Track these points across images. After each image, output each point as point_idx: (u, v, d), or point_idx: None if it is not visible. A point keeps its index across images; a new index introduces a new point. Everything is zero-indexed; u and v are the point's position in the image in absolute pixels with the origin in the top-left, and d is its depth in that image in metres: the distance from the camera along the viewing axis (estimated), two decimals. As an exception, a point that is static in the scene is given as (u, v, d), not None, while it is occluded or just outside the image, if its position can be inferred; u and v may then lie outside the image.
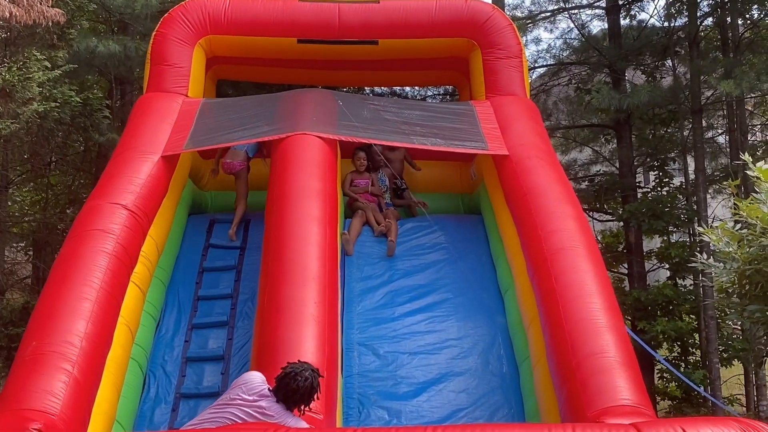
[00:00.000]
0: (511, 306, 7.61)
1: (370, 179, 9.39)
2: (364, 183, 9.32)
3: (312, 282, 6.51)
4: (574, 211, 7.41)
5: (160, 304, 7.74)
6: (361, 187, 9.28)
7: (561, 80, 17.54)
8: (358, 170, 9.40)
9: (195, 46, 9.24)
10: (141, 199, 7.31)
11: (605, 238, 18.57)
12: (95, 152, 15.20)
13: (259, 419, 4.82)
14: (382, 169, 9.59)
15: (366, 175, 9.41)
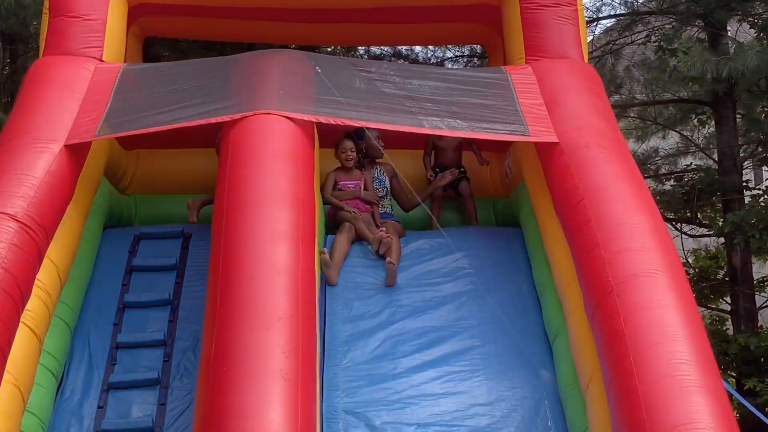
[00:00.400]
0: (563, 357, 7.62)
1: (362, 180, 9.42)
2: (353, 185, 9.36)
3: (278, 324, 6.51)
4: (652, 223, 7.41)
5: (64, 354, 7.74)
6: (349, 191, 9.31)
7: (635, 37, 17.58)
8: (344, 167, 9.43)
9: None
10: (36, 206, 7.32)
11: (699, 261, 18.58)
12: (-27, 140, 15.22)
13: None
14: (381, 165, 9.62)
15: (356, 173, 9.45)
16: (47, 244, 7.43)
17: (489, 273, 8.58)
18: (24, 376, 6.86)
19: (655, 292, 6.77)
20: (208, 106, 8.30)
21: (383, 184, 9.61)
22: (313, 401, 6.49)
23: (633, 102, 17.43)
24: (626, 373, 6.32)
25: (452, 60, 17.41)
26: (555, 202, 8.08)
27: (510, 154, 9.60)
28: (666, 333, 6.47)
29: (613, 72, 17.27)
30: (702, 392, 6.11)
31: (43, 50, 9.12)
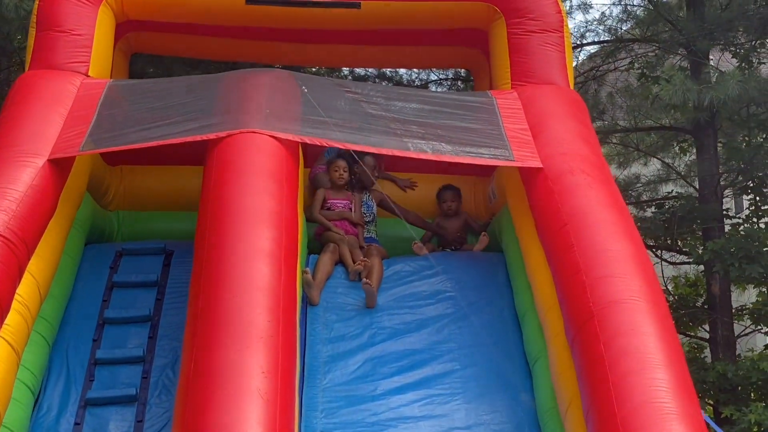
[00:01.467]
0: (542, 382, 7.61)
1: (351, 200, 9.42)
2: (342, 205, 9.36)
3: (258, 343, 6.49)
4: (633, 249, 7.43)
5: (41, 370, 7.70)
6: (337, 210, 9.31)
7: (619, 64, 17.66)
8: (334, 185, 9.43)
9: (100, 5, 9.29)
10: (17, 220, 7.29)
11: (678, 288, 18.62)
12: (-44, 152, 15.17)
13: None
14: (370, 192, 9.64)
15: (345, 193, 9.45)
16: (28, 259, 7.40)
17: (470, 296, 8.58)
18: (1, 391, 6.82)
19: (636, 319, 6.78)
20: (193, 123, 8.29)
21: (371, 210, 9.62)
22: (291, 421, 6.47)
23: (615, 128, 17.49)
24: (605, 399, 6.33)
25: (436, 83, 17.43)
26: (538, 226, 8.09)
27: (494, 179, 9.61)
28: (645, 360, 6.48)
29: (596, 98, 17.33)
30: (680, 419, 6.12)
31: (29, 64, 9.10)
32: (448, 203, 9.91)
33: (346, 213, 9.35)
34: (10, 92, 8.89)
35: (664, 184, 17.93)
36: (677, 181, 17.68)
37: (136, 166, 9.93)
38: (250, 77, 9.14)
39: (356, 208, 9.46)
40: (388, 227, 9.79)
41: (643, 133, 17.60)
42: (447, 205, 9.91)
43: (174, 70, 13.68)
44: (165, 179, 10.02)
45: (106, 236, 9.60)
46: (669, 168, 17.75)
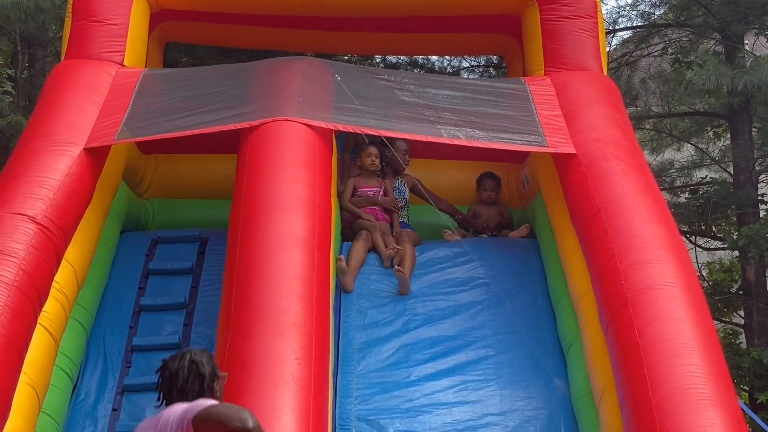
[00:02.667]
0: (577, 368, 7.61)
1: (382, 186, 9.41)
2: (372, 191, 9.35)
3: (292, 330, 6.53)
4: (667, 235, 7.42)
5: (79, 356, 7.76)
6: (368, 196, 9.30)
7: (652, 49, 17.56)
8: (365, 173, 9.42)
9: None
10: (55, 208, 7.35)
11: (713, 274, 18.51)
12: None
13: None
14: (402, 177, 9.63)
15: (376, 180, 9.44)
16: (65, 246, 7.46)
17: (504, 283, 8.57)
18: (40, 377, 6.88)
19: (670, 305, 6.77)
20: (227, 111, 8.34)
21: (403, 195, 9.60)
22: (325, 407, 6.51)
23: (648, 114, 17.39)
24: (640, 386, 6.32)
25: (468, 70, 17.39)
26: (571, 213, 8.08)
27: (527, 165, 9.60)
28: (680, 346, 6.47)
29: (629, 84, 17.24)
30: (715, 405, 6.10)
31: (65, 54, 9.17)
32: (489, 192, 9.87)
33: (375, 199, 9.34)
34: (46, 82, 8.96)
35: (698, 170, 17.81)
36: (711, 166, 17.55)
37: (171, 155, 9.97)
38: (284, 66, 9.16)
39: (389, 193, 9.46)
40: (421, 213, 9.77)
41: (676, 119, 17.49)
42: (487, 194, 9.88)
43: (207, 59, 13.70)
44: (200, 167, 10.06)
45: (141, 224, 9.65)
46: (703, 153, 17.63)
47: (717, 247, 17.50)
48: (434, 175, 10.14)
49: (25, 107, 13.71)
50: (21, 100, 14.28)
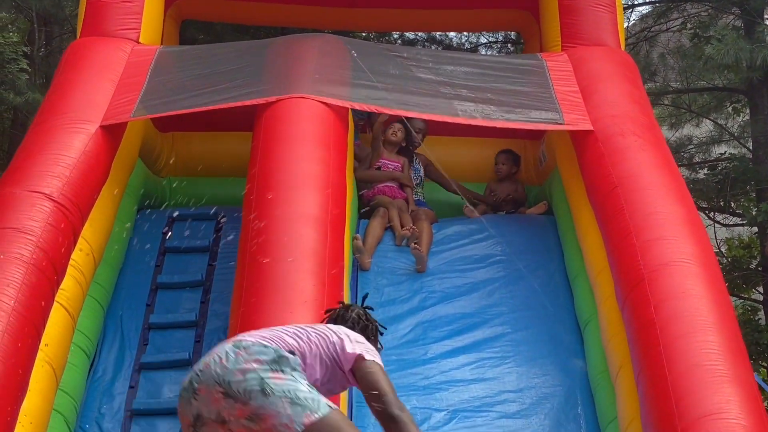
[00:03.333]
0: (593, 345, 7.60)
1: (401, 163, 9.40)
2: (393, 166, 9.34)
3: (304, 307, 6.53)
4: (684, 212, 7.39)
5: (97, 334, 7.78)
6: (388, 170, 9.29)
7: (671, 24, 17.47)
8: (390, 144, 9.40)
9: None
10: (71, 186, 7.36)
11: (732, 250, 18.46)
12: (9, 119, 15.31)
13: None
14: (416, 155, 9.61)
15: (397, 157, 9.44)
16: (82, 224, 7.46)
17: (521, 260, 8.54)
18: (57, 354, 6.90)
19: (687, 282, 6.74)
20: (242, 89, 8.33)
21: (418, 173, 9.60)
22: (340, 385, 6.50)
23: (667, 89, 17.32)
24: (656, 363, 6.30)
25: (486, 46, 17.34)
26: (588, 189, 8.06)
27: (544, 142, 9.57)
28: (696, 323, 6.44)
29: (648, 59, 17.14)
30: (732, 382, 6.07)
31: (81, 31, 9.15)
32: (499, 165, 9.84)
33: (396, 173, 9.33)
34: (61, 59, 8.95)
35: (716, 146, 17.74)
36: (730, 142, 17.49)
37: (188, 133, 9.96)
38: (300, 42, 9.14)
39: (406, 170, 9.44)
40: (436, 191, 9.77)
41: (695, 94, 17.41)
42: (498, 167, 9.84)
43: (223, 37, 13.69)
44: (216, 145, 10.04)
45: (158, 202, 9.65)
46: (722, 129, 17.56)
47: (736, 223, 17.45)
48: (452, 153, 10.10)
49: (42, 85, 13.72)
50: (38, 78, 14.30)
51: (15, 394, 6.11)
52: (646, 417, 6.24)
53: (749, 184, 15.99)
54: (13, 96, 13.68)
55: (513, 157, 9.86)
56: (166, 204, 9.75)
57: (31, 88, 13.76)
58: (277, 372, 4.50)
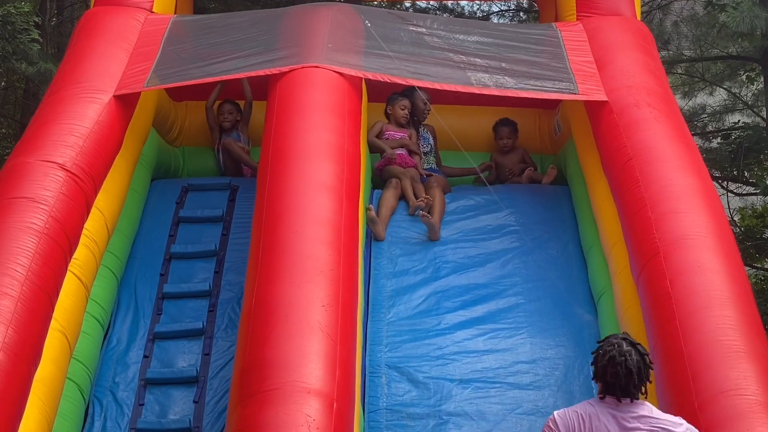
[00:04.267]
0: (607, 317, 7.57)
1: (407, 133, 9.36)
2: (399, 135, 9.31)
3: (319, 277, 6.52)
4: (700, 184, 7.35)
5: (110, 304, 7.79)
6: (396, 139, 9.25)
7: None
8: (397, 122, 9.37)
9: (164, -63, 9.28)
10: (85, 156, 7.35)
11: (745, 220, 18.41)
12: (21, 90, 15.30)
13: None
14: (424, 126, 9.55)
15: (404, 129, 9.40)
16: (95, 194, 7.47)
17: (535, 231, 8.54)
18: (71, 324, 6.91)
19: (702, 256, 6.71)
20: (256, 58, 8.33)
21: (428, 141, 9.55)
22: (352, 355, 6.49)
23: (680, 58, 17.24)
24: (672, 337, 6.27)
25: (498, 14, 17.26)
26: (603, 161, 8.02)
27: (559, 111, 9.53)
28: (712, 297, 6.41)
29: (661, 28, 17.07)
30: (749, 358, 6.04)
31: (94, 1, 9.17)
32: (505, 140, 9.73)
33: (404, 141, 9.28)
34: (75, 29, 8.97)
35: (730, 114, 17.69)
36: (744, 110, 17.42)
37: (202, 102, 9.94)
38: (313, 12, 9.13)
39: (413, 139, 9.40)
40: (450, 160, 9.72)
41: (709, 63, 17.33)
42: (503, 142, 9.75)
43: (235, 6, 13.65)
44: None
45: (171, 172, 9.65)
46: (735, 98, 17.49)
47: (749, 192, 17.44)
48: (465, 122, 10.04)
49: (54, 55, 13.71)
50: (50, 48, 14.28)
51: (28, 362, 6.11)
52: (661, 393, 6.21)
53: (763, 153, 15.96)
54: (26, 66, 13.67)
55: (515, 128, 9.75)
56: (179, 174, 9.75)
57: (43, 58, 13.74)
58: None
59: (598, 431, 4.78)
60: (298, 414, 5.65)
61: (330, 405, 5.77)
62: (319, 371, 5.97)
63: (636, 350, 4.94)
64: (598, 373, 4.96)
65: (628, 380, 4.85)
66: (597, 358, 4.98)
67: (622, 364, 4.87)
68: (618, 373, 4.87)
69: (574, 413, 4.88)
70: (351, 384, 6.28)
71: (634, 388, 4.87)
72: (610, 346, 4.96)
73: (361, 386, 7.02)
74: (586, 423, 4.82)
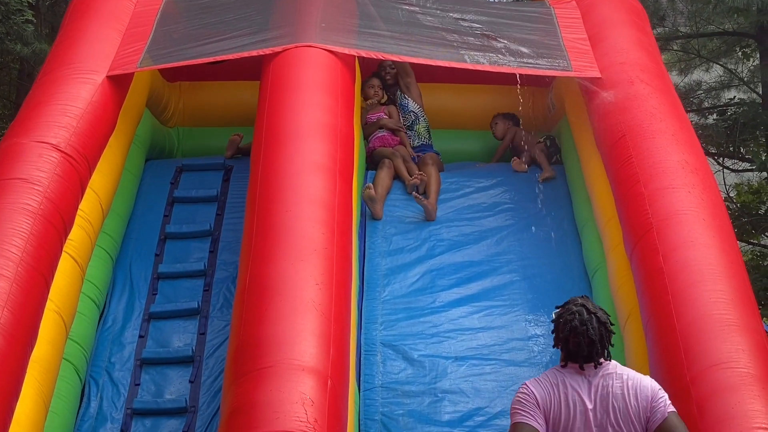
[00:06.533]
0: (602, 293, 7.58)
1: (387, 113, 9.37)
2: (375, 117, 9.32)
3: (313, 256, 6.52)
4: (693, 159, 7.34)
5: (106, 284, 7.81)
6: (373, 122, 9.26)
7: (680, -32, 17.33)
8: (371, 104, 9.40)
9: None
10: (78, 136, 7.33)
11: (741, 196, 18.43)
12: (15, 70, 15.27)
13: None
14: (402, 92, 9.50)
15: (378, 108, 9.42)
16: (90, 175, 7.46)
17: (529, 208, 8.56)
18: (66, 304, 6.92)
19: (695, 231, 6.70)
20: (249, 38, 8.32)
21: (408, 109, 9.48)
22: (346, 332, 6.50)
23: (676, 34, 17.22)
24: (664, 312, 6.28)
25: (494, -9, 17.21)
26: (596, 137, 8.02)
27: (553, 90, 9.52)
28: (705, 272, 6.40)
29: (657, 4, 17.03)
30: (741, 331, 6.03)
31: (87, -19, 9.11)
32: (498, 134, 9.70)
33: (381, 121, 9.28)
34: (68, 10, 8.92)
35: (726, 91, 17.68)
36: (740, 87, 17.42)
37: (195, 82, 9.93)
38: (306, -9, 9.10)
39: (393, 116, 9.39)
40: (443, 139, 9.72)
41: (704, 39, 17.31)
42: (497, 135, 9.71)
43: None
44: (224, 94, 10.02)
45: (166, 152, 9.65)
46: (731, 74, 17.48)
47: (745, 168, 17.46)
48: (458, 100, 10.07)
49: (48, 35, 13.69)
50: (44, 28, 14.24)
51: (25, 342, 6.11)
52: (654, 366, 6.22)
53: (759, 129, 15.96)
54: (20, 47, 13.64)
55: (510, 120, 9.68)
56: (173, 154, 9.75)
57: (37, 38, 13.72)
58: None
59: (571, 397, 4.79)
60: (293, 392, 5.65)
61: (324, 382, 5.78)
62: (313, 349, 5.97)
63: (596, 317, 4.90)
64: (560, 341, 4.93)
65: (591, 349, 4.83)
66: (558, 327, 4.95)
67: (584, 334, 4.84)
68: (580, 343, 4.85)
69: (546, 381, 4.87)
70: (345, 362, 6.29)
71: (596, 355, 4.85)
72: (570, 315, 4.91)
73: (356, 364, 7.04)
74: (559, 390, 4.83)
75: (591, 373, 4.83)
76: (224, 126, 9.78)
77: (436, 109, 9.68)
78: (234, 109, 9.62)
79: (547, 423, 4.78)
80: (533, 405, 4.80)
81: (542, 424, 4.76)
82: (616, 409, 4.79)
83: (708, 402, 5.69)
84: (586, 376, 4.82)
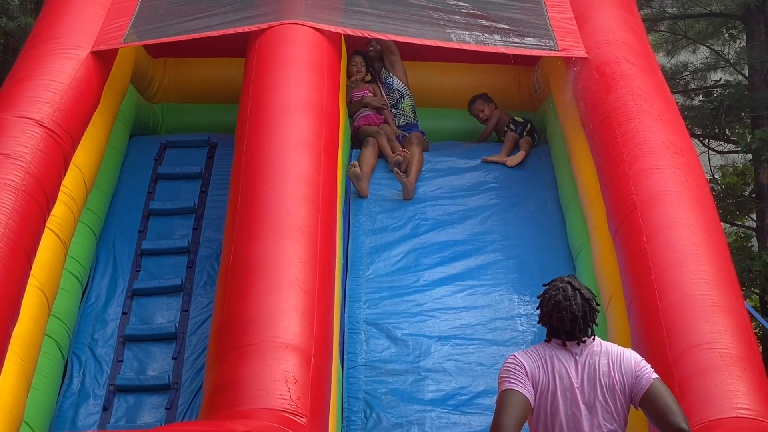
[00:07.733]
0: (585, 273, 7.59)
1: (372, 91, 9.36)
2: (359, 95, 9.31)
3: (297, 233, 6.53)
4: (678, 140, 7.34)
5: (89, 260, 7.79)
6: (357, 101, 9.25)
7: (668, -52, 17.32)
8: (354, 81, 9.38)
9: None
10: (62, 112, 7.30)
11: (726, 177, 18.47)
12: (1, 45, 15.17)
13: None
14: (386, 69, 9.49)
15: (363, 86, 9.41)
16: (73, 151, 7.43)
17: (514, 188, 8.58)
18: (49, 280, 6.90)
19: (679, 211, 6.71)
20: (235, 14, 8.28)
21: (392, 86, 9.47)
22: (330, 311, 6.52)
23: (663, 15, 17.21)
24: (647, 292, 6.30)
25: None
26: (582, 118, 8.02)
27: (538, 69, 9.51)
28: (688, 253, 6.42)
29: (645, -16, 17.05)
30: (723, 312, 6.06)
31: (71, -46, 9.05)
32: (480, 117, 9.65)
33: (365, 99, 9.28)
34: (52, -15, 8.84)
35: (712, 72, 17.70)
36: (726, 68, 17.43)
37: (180, 58, 9.89)
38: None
39: (376, 95, 9.39)
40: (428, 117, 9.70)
41: (691, 20, 17.32)
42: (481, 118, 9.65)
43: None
44: (209, 71, 9.97)
45: (150, 129, 9.62)
46: (718, 55, 17.49)
47: (730, 150, 17.49)
48: (443, 78, 10.04)
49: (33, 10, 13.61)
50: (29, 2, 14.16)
51: (6, 319, 6.09)
52: (637, 346, 6.22)
53: (744, 111, 15.99)
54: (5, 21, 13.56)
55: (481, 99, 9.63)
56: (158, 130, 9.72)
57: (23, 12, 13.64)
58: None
59: (558, 371, 4.79)
60: (276, 369, 5.66)
61: (308, 360, 5.79)
62: (296, 327, 5.98)
63: (580, 294, 4.91)
64: (544, 317, 4.95)
65: (573, 325, 4.83)
66: (542, 302, 4.95)
67: (567, 309, 4.84)
68: (563, 317, 4.85)
69: (535, 354, 4.87)
70: (329, 339, 6.31)
71: (579, 332, 4.86)
72: (555, 291, 4.92)
73: (340, 343, 7.06)
74: (548, 363, 4.83)
75: (576, 350, 4.83)
76: (209, 102, 9.77)
77: (422, 87, 9.66)
78: (219, 86, 9.58)
79: (536, 395, 4.79)
80: (522, 374, 4.80)
81: (532, 392, 4.76)
82: (604, 386, 4.80)
83: (689, 382, 5.71)
84: (573, 354, 4.82)
